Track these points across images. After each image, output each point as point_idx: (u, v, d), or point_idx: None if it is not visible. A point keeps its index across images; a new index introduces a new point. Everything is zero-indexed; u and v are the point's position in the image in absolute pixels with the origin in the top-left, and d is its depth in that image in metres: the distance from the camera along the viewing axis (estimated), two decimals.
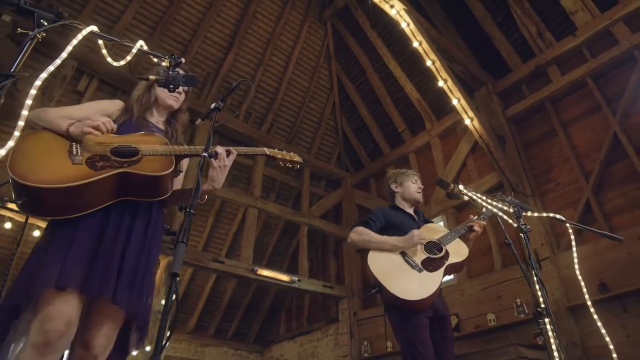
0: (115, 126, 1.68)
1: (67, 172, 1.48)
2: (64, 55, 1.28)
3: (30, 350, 1.33)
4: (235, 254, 7.57)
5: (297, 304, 8.64)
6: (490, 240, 5.60)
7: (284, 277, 6.58)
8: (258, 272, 6.35)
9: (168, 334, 1.02)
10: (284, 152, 2.03)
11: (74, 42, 1.31)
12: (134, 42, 1.71)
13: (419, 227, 2.71)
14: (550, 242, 4.99)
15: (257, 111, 7.68)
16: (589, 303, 2.23)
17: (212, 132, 1.52)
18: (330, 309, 7.65)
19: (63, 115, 1.66)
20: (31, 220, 5.12)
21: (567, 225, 2.25)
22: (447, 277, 6.07)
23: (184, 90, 2.03)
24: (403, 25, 5.30)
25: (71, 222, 1.49)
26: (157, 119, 1.93)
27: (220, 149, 1.78)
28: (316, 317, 7.99)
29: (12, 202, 1.45)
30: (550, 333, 1.90)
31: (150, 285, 1.59)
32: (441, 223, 6.40)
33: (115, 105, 1.87)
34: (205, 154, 1.42)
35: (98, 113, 1.78)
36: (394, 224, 2.71)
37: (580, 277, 2.27)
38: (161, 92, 1.95)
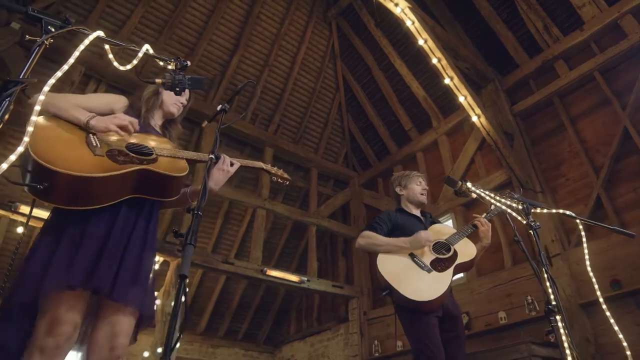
0: (138, 127, 1.69)
1: (92, 163, 1.48)
2: (71, 61, 1.29)
3: (39, 354, 1.33)
4: (244, 255, 7.60)
5: (307, 304, 8.64)
6: (500, 238, 5.56)
7: (293, 278, 6.59)
8: (267, 273, 6.37)
9: (177, 335, 1.03)
10: (276, 168, 2.16)
11: (81, 47, 1.33)
12: (141, 46, 1.73)
13: (425, 229, 2.70)
14: (561, 239, 4.94)
15: (263, 112, 7.70)
16: (601, 300, 2.20)
17: (218, 133, 1.53)
18: (340, 308, 7.65)
19: (76, 104, 1.65)
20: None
21: (578, 221, 2.23)
22: (457, 276, 6.07)
23: (185, 104, 2.04)
24: (408, 23, 5.28)
25: (81, 217, 1.50)
26: (155, 122, 1.96)
27: (225, 156, 1.83)
28: (326, 317, 7.99)
29: (22, 184, 1.42)
30: (561, 330, 1.89)
31: (152, 281, 1.62)
32: (450, 221, 6.37)
33: (121, 102, 1.88)
34: (212, 156, 1.43)
35: (103, 106, 1.81)
36: (401, 226, 2.70)
37: (591, 274, 2.23)
38: (168, 98, 1.98)
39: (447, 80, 5.35)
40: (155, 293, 5.60)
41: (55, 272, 1.39)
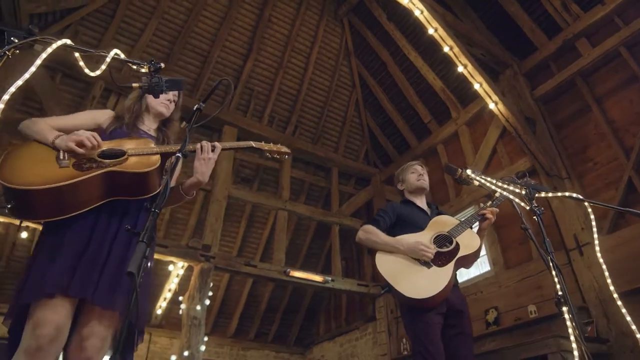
0: (100, 141, 1.66)
1: (54, 175, 1.52)
2: (32, 69, 1.31)
3: (23, 355, 1.38)
4: (269, 258, 7.64)
5: (335, 304, 8.60)
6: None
7: (317, 278, 6.56)
8: (290, 274, 6.37)
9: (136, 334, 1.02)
10: (271, 144, 2.02)
11: (43, 55, 1.35)
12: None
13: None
14: (591, 226, 4.67)
15: (280, 114, 7.73)
16: (611, 288, 2.05)
17: (189, 132, 1.52)
18: (367, 307, 7.55)
19: (52, 126, 1.69)
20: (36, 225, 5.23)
21: (586, 204, 2.08)
22: (485, 269, 5.86)
23: (174, 100, 2.04)
24: (416, 13, 5.16)
25: (62, 226, 1.53)
26: (148, 126, 1.97)
27: (204, 143, 1.80)
28: (354, 317, 7.92)
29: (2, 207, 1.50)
30: (568, 323, 1.76)
31: (144, 286, 1.62)
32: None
33: (105, 114, 1.91)
34: (179, 154, 1.42)
35: (88, 122, 1.84)
36: (405, 218, 2.62)
37: (601, 260, 2.09)
38: (152, 100, 1.99)
39: (460, 68, 5.19)
40: (180, 297, 5.75)
41: (34, 281, 1.45)
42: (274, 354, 8.32)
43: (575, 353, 1.65)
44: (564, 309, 1.79)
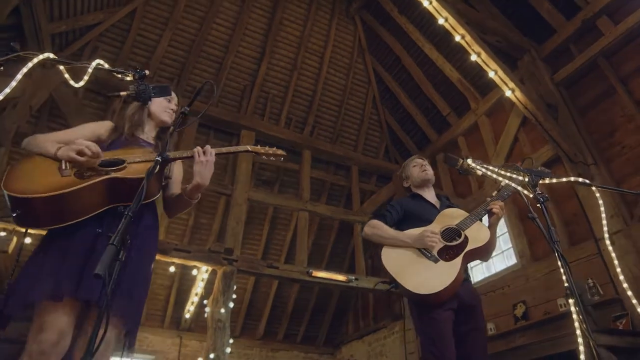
0: (99, 150, 1.69)
1: (57, 184, 1.56)
2: (13, 83, 1.37)
3: (27, 358, 1.43)
4: (293, 259, 7.67)
5: (363, 303, 8.54)
6: (554, 217, 5.11)
7: (341, 277, 6.53)
8: (313, 274, 6.37)
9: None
10: (267, 147, 2.00)
11: (24, 70, 1.40)
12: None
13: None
14: (622, 214, 4.45)
15: (297, 115, 7.75)
16: (621, 278, 1.93)
17: (170, 135, 1.54)
18: (395, 305, 7.46)
19: (52, 140, 1.74)
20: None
21: (593, 188, 1.97)
22: (511, 262, 5.67)
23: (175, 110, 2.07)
24: (425, 3, 5.05)
25: (66, 233, 1.57)
26: (147, 134, 1.99)
27: (198, 148, 1.82)
28: (381, 315, 7.84)
29: (8, 217, 1.54)
30: (575, 316, 1.67)
31: (142, 290, 1.66)
32: None
33: (104, 126, 1.94)
34: (159, 158, 1.44)
35: (88, 135, 1.89)
36: (413, 212, 2.55)
37: (610, 248, 1.96)
38: (157, 108, 2.01)
39: (473, 57, 5.05)
40: (205, 301, 5.86)
41: (40, 284, 1.48)
42: (303, 355, 8.35)
43: (581, 348, 1.56)
44: (570, 301, 1.70)
